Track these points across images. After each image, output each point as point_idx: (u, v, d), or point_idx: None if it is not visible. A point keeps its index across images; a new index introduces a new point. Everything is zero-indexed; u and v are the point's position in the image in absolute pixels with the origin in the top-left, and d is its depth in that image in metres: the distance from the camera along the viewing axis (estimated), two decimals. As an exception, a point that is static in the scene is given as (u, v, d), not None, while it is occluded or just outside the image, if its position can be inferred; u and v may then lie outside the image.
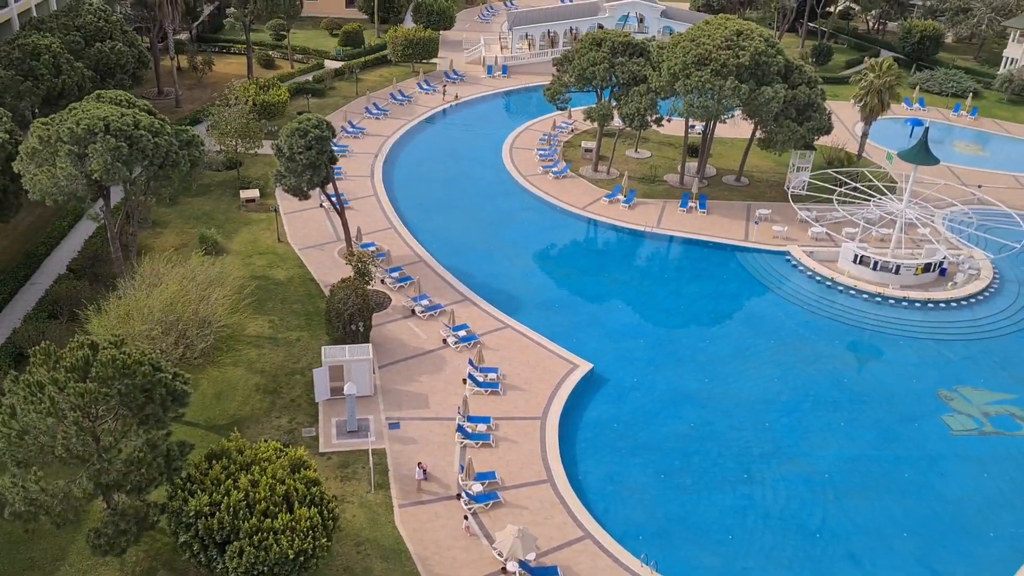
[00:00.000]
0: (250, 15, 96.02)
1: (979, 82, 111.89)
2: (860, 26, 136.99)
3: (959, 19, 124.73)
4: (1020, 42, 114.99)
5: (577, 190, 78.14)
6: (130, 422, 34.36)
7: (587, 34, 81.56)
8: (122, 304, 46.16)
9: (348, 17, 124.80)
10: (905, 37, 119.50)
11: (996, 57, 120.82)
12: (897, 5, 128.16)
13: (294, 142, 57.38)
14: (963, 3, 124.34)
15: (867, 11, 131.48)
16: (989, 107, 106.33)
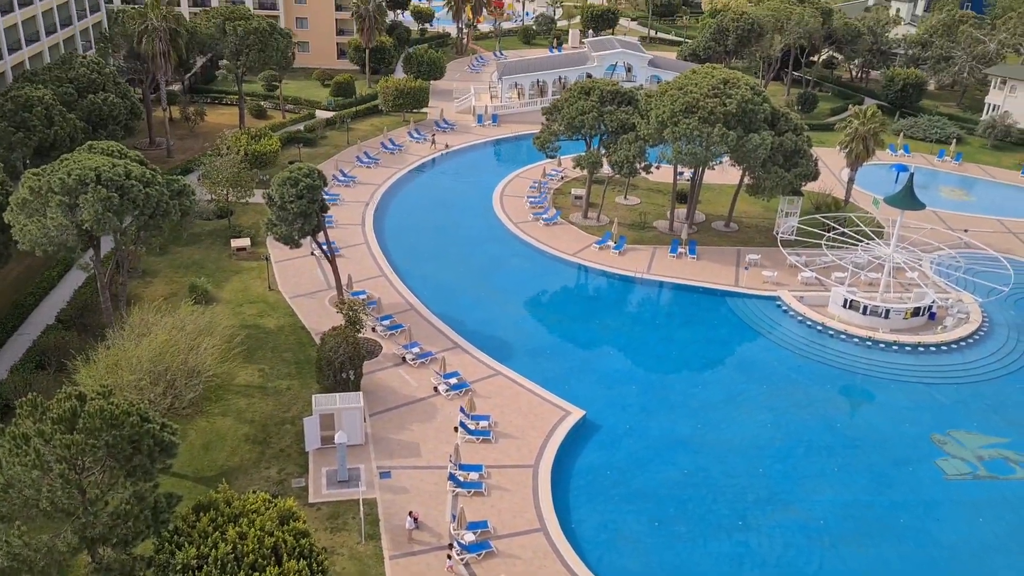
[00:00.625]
0: (242, 67, 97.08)
1: (962, 128, 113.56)
2: (844, 75, 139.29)
3: (941, 67, 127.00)
4: (1001, 89, 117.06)
5: (567, 237, 78.52)
6: (117, 474, 33.86)
7: (576, 83, 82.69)
8: (111, 354, 45.86)
9: (340, 68, 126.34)
10: (888, 85, 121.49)
11: (978, 103, 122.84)
12: (879, 54, 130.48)
13: (285, 191, 57.63)
14: (944, 52, 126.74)
15: (850, 60, 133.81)
16: (973, 152, 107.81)
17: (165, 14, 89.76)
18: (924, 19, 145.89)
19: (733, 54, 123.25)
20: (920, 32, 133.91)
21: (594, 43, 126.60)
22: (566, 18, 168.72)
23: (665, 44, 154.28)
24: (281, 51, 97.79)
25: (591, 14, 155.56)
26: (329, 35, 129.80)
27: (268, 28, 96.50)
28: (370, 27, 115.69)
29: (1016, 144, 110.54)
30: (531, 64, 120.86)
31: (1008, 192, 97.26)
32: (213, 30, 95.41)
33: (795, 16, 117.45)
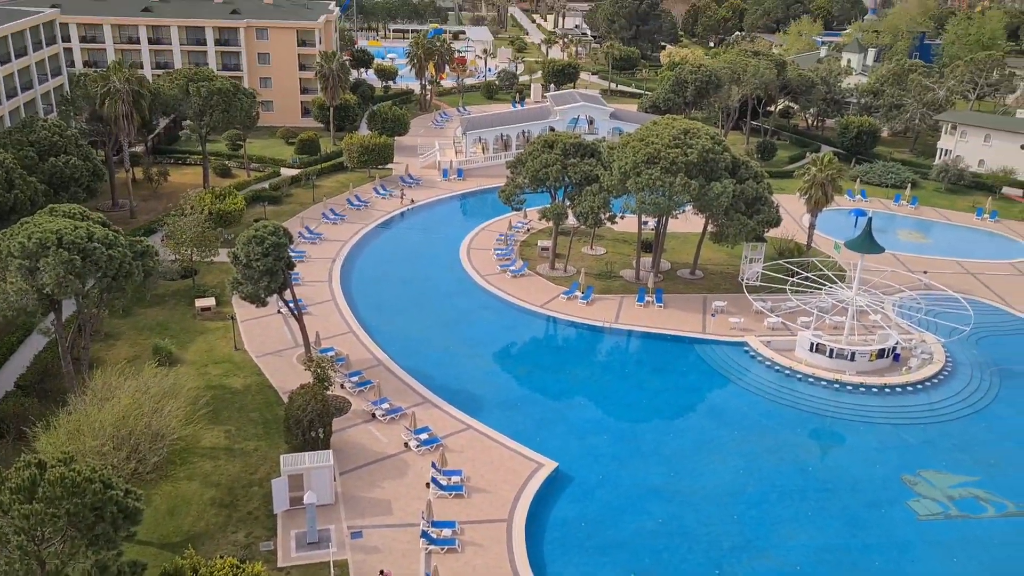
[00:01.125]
0: (206, 127, 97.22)
1: (917, 173, 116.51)
2: (800, 123, 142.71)
3: (893, 115, 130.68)
4: (952, 134, 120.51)
5: (535, 288, 78.78)
6: (79, 543, 32.87)
7: (539, 137, 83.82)
8: (72, 420, 44.83)
9: (304, 126, 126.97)
10: (843, 133, 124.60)
11: (931, 149, 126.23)
12: (833, 103, 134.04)
13: (251, 249, 57.35)
14: (895, 100, 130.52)
15: (806, 109, 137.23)
16: (928, 196, 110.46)
17: (128, 76, 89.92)
18: (875, 69, 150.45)
19: (692, 105, 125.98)
20: (871, 81, 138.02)
21: (556, 97, 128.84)
22: (528, 73, 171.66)
23: (626, 97, 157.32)
24: (245, 111, 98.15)
25: (552, 69, 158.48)
26: (293, 94, 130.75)
27: (232, 88, 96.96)
28: (334, 86, 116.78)
29: (969, 187, 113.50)
30: (495, 119, 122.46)
31: (963, 234, 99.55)
32: (176, 91, 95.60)
33: (751, 68, 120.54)
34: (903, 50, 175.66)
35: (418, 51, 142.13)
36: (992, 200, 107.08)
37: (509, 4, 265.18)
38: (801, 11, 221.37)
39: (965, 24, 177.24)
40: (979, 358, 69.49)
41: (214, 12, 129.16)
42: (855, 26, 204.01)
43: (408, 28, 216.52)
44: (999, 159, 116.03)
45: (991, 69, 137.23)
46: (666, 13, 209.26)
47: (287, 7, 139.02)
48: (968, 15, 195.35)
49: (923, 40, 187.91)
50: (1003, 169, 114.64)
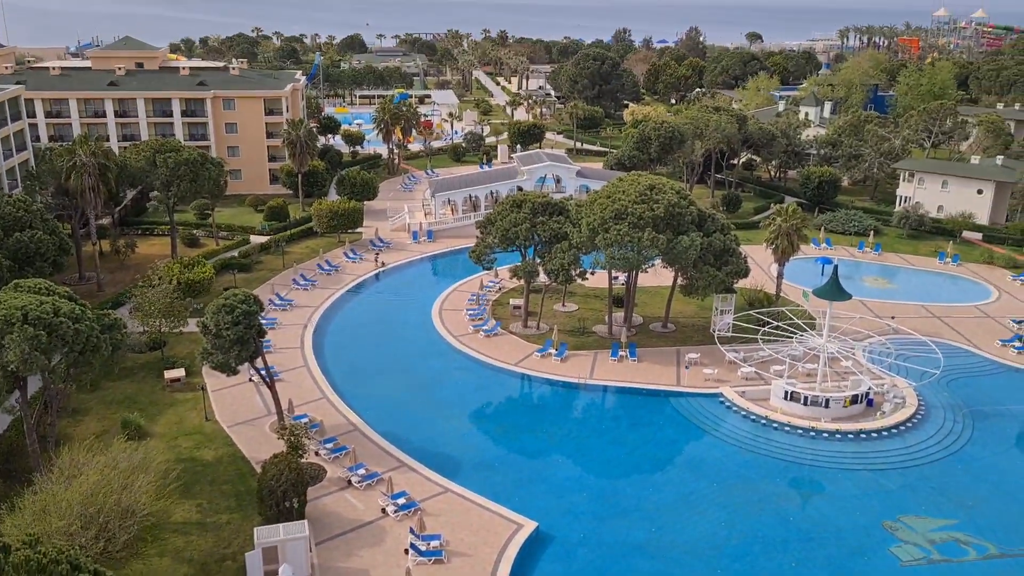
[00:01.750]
0: (174, 197, 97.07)
1: (878, 220, 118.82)
2: (763, 175, 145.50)
3: (852, 164, 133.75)
4: (910, 182, 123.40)
5: (508, 347, 78.64)
6: (45, 629, 31.71)
7: (508, 196, 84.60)
8: (38, 500, 43.63)
9: (273, 193, 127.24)
10: (805, 183, 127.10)
11: (891, 196, 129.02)
12: (794, 155, 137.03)
13: (220, 318, 56.85)
14: (854, 150, 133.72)
15: (768, 161, 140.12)
16: (891, 243, 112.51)
17: (94, 150, 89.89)
18: (832, 121, 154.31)
19: (657, 161, 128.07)
20: (830, 133, 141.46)
21: (523, 157, 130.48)
22: (494, 135, 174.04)
23: (591, 155, 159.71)
24: (213, 180, 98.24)
25: (518, 130, 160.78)
26: (261, 162, 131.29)
27: (199, 158, 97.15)
28: (302, 152, 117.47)
29: (930, 232, 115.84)
30: (463, 180, 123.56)
31: (928, 278, 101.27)
32: (143, 163, 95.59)
33: (713, 123, 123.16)
34: (858, 102, 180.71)
35: (385, 116, 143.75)
36: (953, 244, 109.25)
37: (473, 68, 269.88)
38: (758, 67, 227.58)
39: (916, 76, 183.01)
40: (951, 400, 70.10)
41: (181, 84, 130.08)
42: (810, 80, 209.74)
43: (374, 94, 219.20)
44: (957, 204, 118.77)
45: (944, 118, 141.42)
46: (627, 73, 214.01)
47: (254, 77, 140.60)
48: (919, 67, 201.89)
49: (876, 92, 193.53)
50: (962, 214, 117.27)
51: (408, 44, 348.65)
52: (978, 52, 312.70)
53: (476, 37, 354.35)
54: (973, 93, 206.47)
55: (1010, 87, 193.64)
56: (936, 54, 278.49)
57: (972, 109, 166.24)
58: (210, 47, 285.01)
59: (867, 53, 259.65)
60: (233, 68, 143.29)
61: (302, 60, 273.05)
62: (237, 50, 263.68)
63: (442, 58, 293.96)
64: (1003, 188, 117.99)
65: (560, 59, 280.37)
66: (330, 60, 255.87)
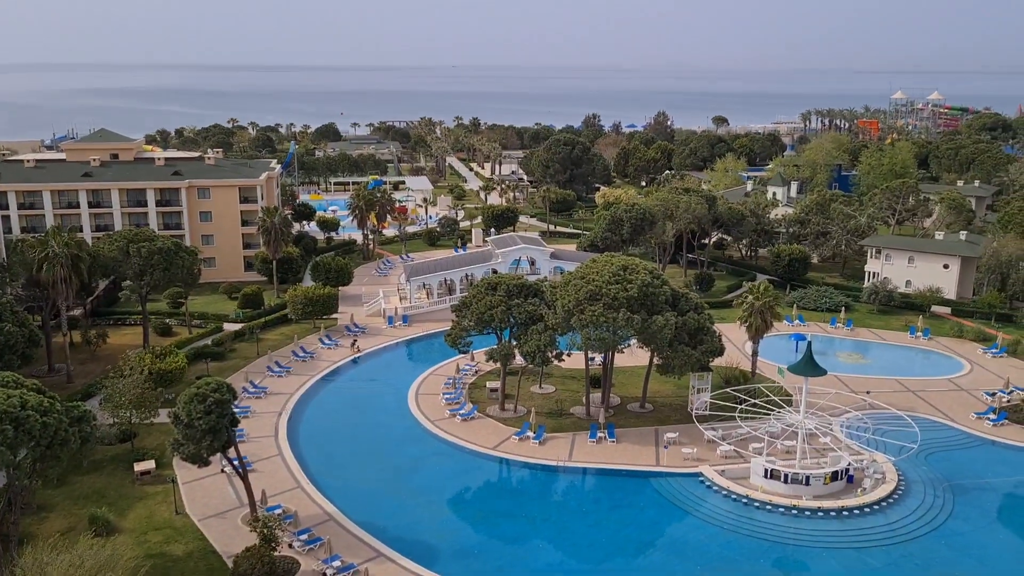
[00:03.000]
0: (147, 286, 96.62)
1: (849, 296, 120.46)
2: (734, 254, 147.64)
3: (820, 242, 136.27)
4: (877, 258, 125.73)
5: (486, 431, 77.86)
6: None
7: (482, 279, 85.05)
8: (-1, 602, 41.95)
9: (247, 280, 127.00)
10: (776, 261, 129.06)
11: (859, 272, 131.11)
12: (764, 233, 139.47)
13: (192, 408, 56.01)
14: (821, 228, 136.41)
15: (738, 240, 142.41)
16: (862, 318, 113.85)
17: (67, 240, 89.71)
18: (799, 200, 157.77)
19: (629, 242, 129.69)
20: (797, 212, 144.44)
21: (497, 240, 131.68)
22: (468, 219, 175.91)
23: (564, 237, 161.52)
24: (186, 268, 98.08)
25: (492, 214, 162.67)
26: (236, 250, 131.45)
27: (173, 247, 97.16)
28: (276, 239, 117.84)
29: (900, 307, 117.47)
30: (438, 264, 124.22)
31: (900, 352, 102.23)
32: (116, 253, 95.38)
33: (683, 204, 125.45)
34: (823, 182, 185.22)
35: (359, 202, 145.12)
36: (923, 319, 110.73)
37: (447, 154, 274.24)
38: (725, 149, 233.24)
39: (877, 155, 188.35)
40: (930, 475, 69.97)
41: (155, 174, 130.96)
42: (776, 161, 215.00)
43: (349, 180, 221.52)
44: (925, 279, 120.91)
45: (906, 195, 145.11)
46: (598, 156, 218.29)
47: (228, 166, 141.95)
48: (879, 147, 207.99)
49: (840, 172, 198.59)
50: (930, 288, 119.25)
51: (382, 132, 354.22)
52: (936, 132, 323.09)
53: (449, 124, 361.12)
54: (933, 171, 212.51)
55: (969, 165, 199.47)
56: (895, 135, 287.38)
57: (933, 187, 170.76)
58: (185, 138, 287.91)
59: (829, 135, 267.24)
60: (208, 158, 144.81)
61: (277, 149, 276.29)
62: (212, 140, 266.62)
63: (416, 145, 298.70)
64: (968, 263, 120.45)
65: (532, 144, 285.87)
66: (305, 148, 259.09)
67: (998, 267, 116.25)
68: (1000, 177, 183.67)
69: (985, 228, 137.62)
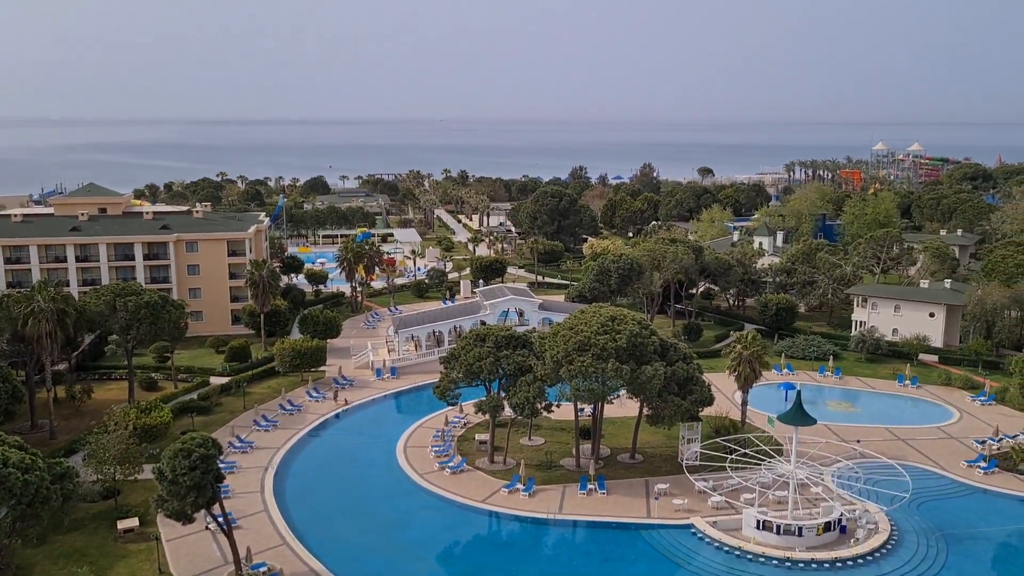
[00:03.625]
0: (133, 340, 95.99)
1: (836, 344, 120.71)
2: (722, 304, 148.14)
3: (807, 291, 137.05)
4: (863, 306, 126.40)
5: (475, 484, 77.04)
6: None
7: (471, 331, 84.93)
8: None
9: (235, 333, 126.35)
10: (763, 310, 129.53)
11: (846, 320, 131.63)
12: (751, 283, 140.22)
13: (177, 463, 55.30)
14: (807, 277, 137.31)
15: (726, 290, 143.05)
16: (850, 366, 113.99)
17: (53, 295, 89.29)
18: (785, 249, 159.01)
19: (617, 292, 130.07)
20: (783, 261, 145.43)
21: (485, 292, 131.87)
22: (456, 270, 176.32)
23: (553, 288, 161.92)
24: (173, 322, 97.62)
25: (480, 265, 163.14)
26: (223, 303, 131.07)
27: (160, 301, 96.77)
28: (264, 292, 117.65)
29: (887, 355, 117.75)
30: (426, 316, 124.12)
31: (889, 401, 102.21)
32: (103, 307, 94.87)
33: (670, 254, 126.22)
34: (808, 231, 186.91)
35: (348, 255, 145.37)
36: (911, 367, 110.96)
37: (435, 207, 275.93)
38: (711, 200, 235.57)
39: (861, 205, 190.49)
40: (922, 524, 69.46)
41: (143, 228, 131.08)
42: (762, 211, 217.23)
43: (337, 233, 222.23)
44: (911, 327, 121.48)
45: (890, 244, 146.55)
46: (585, 208, 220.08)
47: (217, 220, 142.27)
48: (862, 197, 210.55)
49: (824, 221, 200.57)
50: (916, 336, 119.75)
51: (371, 185, 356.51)
52: (917, 182, 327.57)
53: (437, 177, 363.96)
54: (916, 221, 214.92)
55: (951, 214, 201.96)
56: (878, 185, 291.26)
57: (917, 236, 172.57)
58: (175, 192, 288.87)
59: (813, 185, 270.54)
60: (197, 211, 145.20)
61: (266, 202, 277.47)
62: (201, 194, 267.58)
63: (404, 198, 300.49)
64: (954, 311, 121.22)
65: (519, 196, 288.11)
66: (293, 201, 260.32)
67: (983, 315, 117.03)
68: (982, 226, 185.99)
69: (969, 276, 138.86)
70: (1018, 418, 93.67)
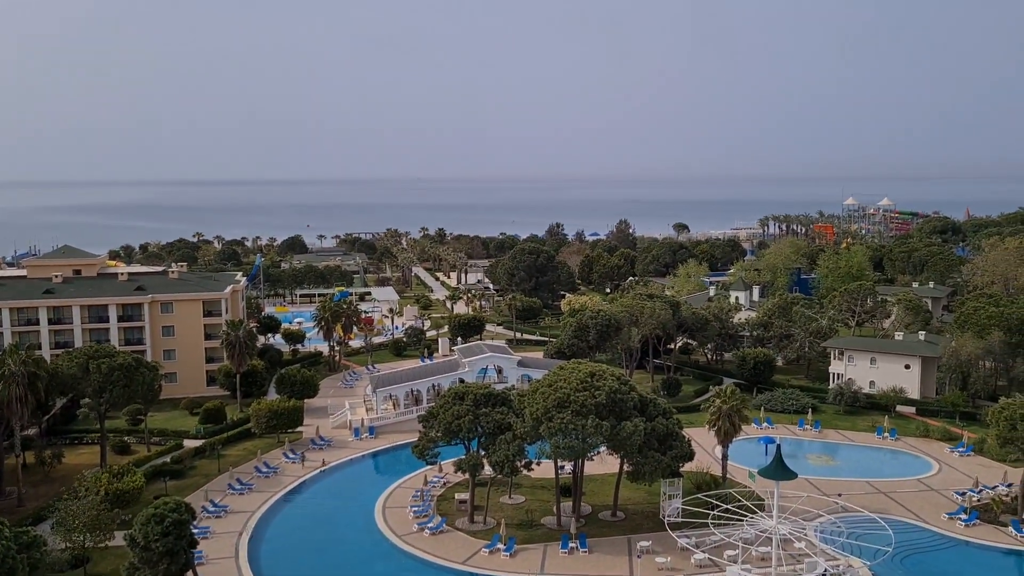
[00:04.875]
0: (106, 404, 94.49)
1: (815, 397, 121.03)
2: (700, 358, 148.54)
3: (784, 344, 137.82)
4: (840, 359, 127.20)
5: (455, 544, 75.82)
6: None
7: (450, 389, 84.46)
8: None
9: (210, 395, 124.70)
10: (741, 364, 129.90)
11: (824, 373, 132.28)
12: (728, 338, 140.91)
13: (149, 530, 54.13)
14: (784, 330, 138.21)
15: (703, 345, 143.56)
16: (829, 419, 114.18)
17: (24, 359, 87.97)
18: (761, 303, 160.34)
19: (596, 348, 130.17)
20: (760, 315, 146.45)
21: (463, 349, 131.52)
22: (435, 328, 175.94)
23: (531, 344, 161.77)
24: (147, 385, 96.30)
25: (458, 323, 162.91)
26: (198, 364, 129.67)
27: (134, 363, 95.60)
28: (241, 353, 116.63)
29: (865, 407, 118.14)
30: (404, 375, 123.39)
31: (869, 453, 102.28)
32: (75, 370, 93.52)
33: (647, 310, 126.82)
34: (783, 285, 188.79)
35: (325, 314, 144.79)
36: (889, 419, 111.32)
37: (413, 265, 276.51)
38: (687, 255, 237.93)
39: (834, 259, 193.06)
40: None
41: (118, 290, 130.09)
42: (737, 266, 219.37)
43: (315, 292, 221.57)
44: (888, 379, 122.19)
45: (864, 297, 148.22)
46: (562, 264, 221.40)
47: (193, 280, 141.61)
48: (836, 251, 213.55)
49: (800, 275, 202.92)
50: (893, 388, 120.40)
51: (348, 244, 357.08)
52: (888, 236, 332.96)
53: (415, 235, 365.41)
54: (888, 273, 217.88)
55: (922, 267, 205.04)
56: (850, 239, 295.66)
57: (890, 289, 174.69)
58: (150, 253, 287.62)
59: (787, 239, 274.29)
60: (172, 272, 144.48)
61: (243, 262, 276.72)
62: (177, 255, 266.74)
63: (382, 256, 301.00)
64: (929, 362, 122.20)
65: (497, 253, 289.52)
66: (271, 261, 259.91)
67: (958, 366, 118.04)
68: (953, 278, 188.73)
69: (943, 328, 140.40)
70: (997, 469, 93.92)
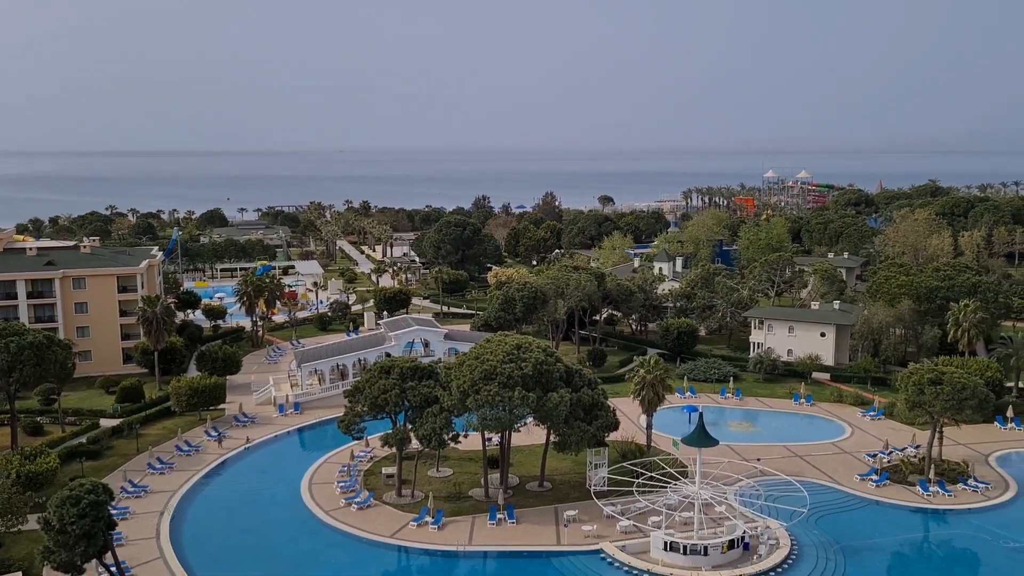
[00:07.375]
0: (16, 383, 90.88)
1: (736, 366, 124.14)
2: (625, 329, 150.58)
3: (706, 314, 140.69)
4: (760, 328, 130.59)
5: (383, 518, 75.66)
6: None
7: (376, 363, 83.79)
8: None
9: (126, 373, 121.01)
10: (665, 335, 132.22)
11: (745, 343, 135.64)
12: (652, 308, 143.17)
13: (65, 512, 52.48)
14: (706, 301, 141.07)
15: (628, 316, 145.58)
16: (749, 387, 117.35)
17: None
18: (685, 275, 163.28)
19: (522, 320, 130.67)
20: (683, 286, 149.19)
21: (390, 323, 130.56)
22: (360, 302, 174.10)
23: (458, 317, 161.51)
24: (59, 363, 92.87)
25: (384, 296, 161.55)
26: (114, 341, 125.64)
27: (45, 341, 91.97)
28: (158, 329, 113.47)
29: (783, 375, 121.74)
30: (329, 349, 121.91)
31: (786, 419, 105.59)
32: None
33: (573, 282, 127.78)
34: (706, 257, 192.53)
35: (247, 288, 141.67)
36: (805, 386, 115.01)
37: (337, 238, 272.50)
38: (612, 228, 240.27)
39: (754, 231, 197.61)
40: (821, 538, 71.67)
41: (27, 265, 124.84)
42: (661, 238, 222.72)
43: (236, 266, 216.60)
44: (805, 347, 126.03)
45: (783, 268, 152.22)
46: (489, 237, 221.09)
47: (106, 255, 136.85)
48: (756, 223, 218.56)
49: (722, 247, 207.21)
50: (810, 356, 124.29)
51: (270, 217, 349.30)
52: (806, 208, 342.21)
53: (339, 208, 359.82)
54: (806, 244, 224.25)
55: (837, 238, 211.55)
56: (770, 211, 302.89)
57: (807, 259, 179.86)
58: (60, 226, 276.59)
59: (710, 212, 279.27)
60: (84, 246, 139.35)
61: (159, 236, 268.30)
62: (89, 228, 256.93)
63: (305, 229, 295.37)
64: (843, 330, 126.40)
65: (423, 226, 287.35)
66: (189, 234, 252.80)
67: (870, 334, 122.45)
68: (867, 249, 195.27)
69: (856, 297, 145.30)
70: (906, 431, 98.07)
